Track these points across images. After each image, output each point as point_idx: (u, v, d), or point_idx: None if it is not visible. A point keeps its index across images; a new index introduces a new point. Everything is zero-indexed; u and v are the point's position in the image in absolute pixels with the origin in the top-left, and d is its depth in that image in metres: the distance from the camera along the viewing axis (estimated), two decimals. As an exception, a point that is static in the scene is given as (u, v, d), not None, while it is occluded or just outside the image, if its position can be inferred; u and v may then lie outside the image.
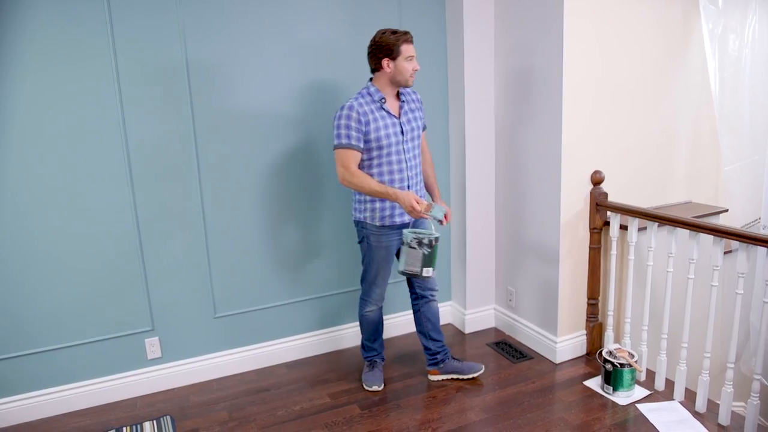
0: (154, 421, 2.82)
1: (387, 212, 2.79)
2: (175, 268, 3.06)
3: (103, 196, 2.85)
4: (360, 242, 2.93)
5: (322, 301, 3.44)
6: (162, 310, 3.07)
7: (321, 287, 3.42)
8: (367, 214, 2.81)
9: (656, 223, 2.82)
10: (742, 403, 2.84)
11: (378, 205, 2.78)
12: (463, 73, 3.34)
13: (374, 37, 2.68)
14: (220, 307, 3.19)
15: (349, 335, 3.54)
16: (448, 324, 3.82)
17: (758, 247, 2.41)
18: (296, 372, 3.28)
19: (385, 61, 2.66)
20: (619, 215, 3.02)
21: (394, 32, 2.66)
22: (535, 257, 3.31)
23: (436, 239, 2.60)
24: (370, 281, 2.97)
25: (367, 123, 2.65)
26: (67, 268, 2.84)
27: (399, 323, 3.68)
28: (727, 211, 3.41)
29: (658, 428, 2.59)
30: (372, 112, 2.67)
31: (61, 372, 2.93)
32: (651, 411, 2.73)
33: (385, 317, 3.34)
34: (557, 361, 3.23)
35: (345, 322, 3.53)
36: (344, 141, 2.64)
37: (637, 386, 2.92)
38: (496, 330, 3.72)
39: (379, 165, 2.73)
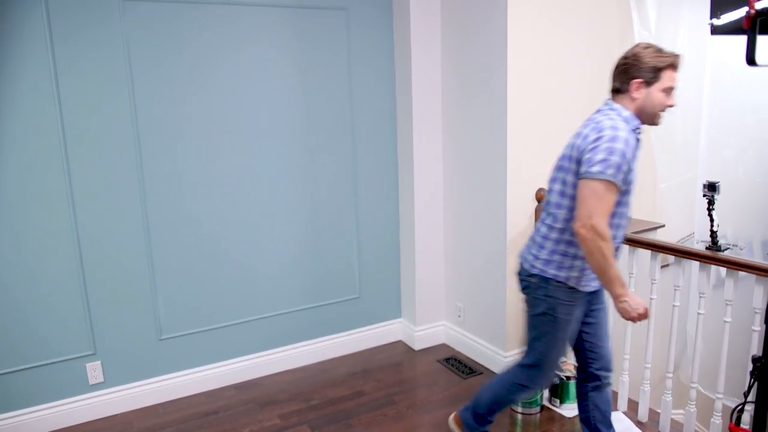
0: (96, 449, 2.72)
1: (591, 274, 2.14)
2: (117, 289, 2.96)
3: (43, 213, 2.75)
4: (538, 315, 2.18)
5: (272, 320, 3.39)
6: (104, 332, 2.97)
7: (271, 306, 3.38)
8: (572, 273, 2.11)
9: (597, 239, 2.91)
10: (681, 411, 2.95)
11: (585, 264, 2.09)
12: (410, 87, 3.40)
13: (633, 49, 2.04)
14: (165, 329, 3.11)
15: (299, 355, 3.50)
16: (399, 341, 3.83)
17: (692, 261, 2.53)
18: (246, 393, 3.22)
19: (635, 84, 2.01)
20: (562, 231, 3.10)
21: (660, 51, 2.00)
22: (482, 273, 3.37)
23: None
24: (549, 364, 2.22)
25: (631, 160, 1.98)
26: (5, 289, 2.72)
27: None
28: (663, 226, 3.56)
29: (602, 439, 2.65)
30: (634, 146, 2.00)
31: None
32: (596, 422, 2.80)
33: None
34: (506, 376, 3.28)
35: (295, 341, 3.49)
36: (612, 173, 1.91)
37: (582, 398, 2.99)
38: (446, 346, 3.75)
39: (611, 218, 2.04)
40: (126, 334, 3.02)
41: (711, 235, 3.58)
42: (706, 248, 3.55)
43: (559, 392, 2.93)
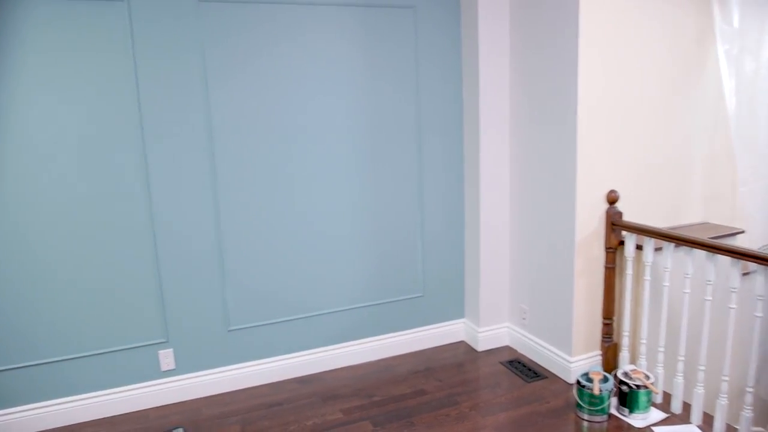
0: (167, 434, 2.83)
1: None
2: (189, 280, 3.08)
3: (122, 207, 2.89)
4: None
5: (336, 316, 3.44)
6: (176, 322, 3.08)
7: (335, 302, 3.42)
8: None
9: (672, 244, 2.80)
10: (761, 429, 2.79)
11: None
12: (478, 90, 3.36)
13: None
14: (233, 320, 3.20)
15: (361, 351, 3.53)
16: (461, 341, 3.80)
17: (777, 269, 2.39)
18: (308, 387, 3.27)
19: None
20: (634, 235, 3.01)
21: None
22: (549, 275, 3.30)
23: None
24: None
25: None
26: (82, 279, 2.88)
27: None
28: (743, 232, 3.39)
29: (674, 451, 2.55)
30: None
31: (75, 382, 2.95)
32: (667, 434, 2.70)
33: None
34: (571, 381, 3.20)
35: (358, 337, 3.52)
36: None
37: (653, 408, 2.89)
38: (509, 348, 3.69)
39: None
40: (196, 325, 3.13)
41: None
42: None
43: (628, 401, 2.83)
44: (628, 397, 2.83)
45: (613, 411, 2.90)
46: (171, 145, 2.93)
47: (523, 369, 3.40)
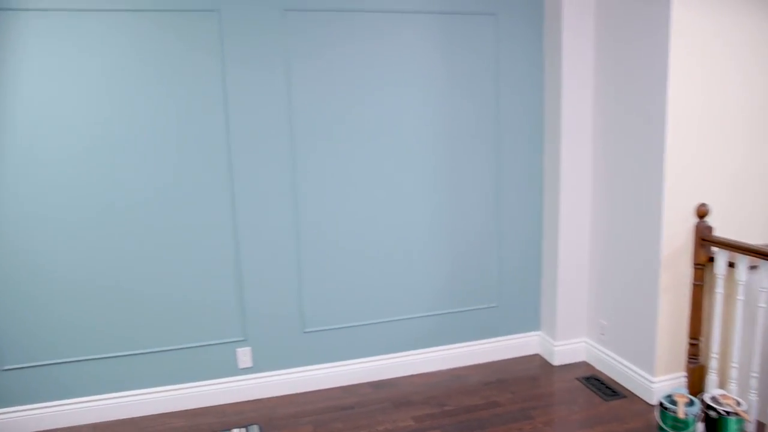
0: (244, 429, 2.91)
1: None
2: (269, 283, 3.17)
3: (207, 209, 3.02)
4: None
5: (410, 322, 3.44)
6: (255, 321, 3.18)
7: (410, 309, 3.43)
8: None
9: (770, 262, 2.63)
10: None
11: None
12: (560, 95, 3.29)
13: None
14: (309, 323, 3.26)
15: (433, 359, 3.52)
16: (536, 354, 3.72)
17: None
18: (381, 392, 3.29)
19: None
20: (726, 252, 2.84)
21: None
22: (631, 290, 3.17)
23: None
24: None
25: None
26: (169, 276, 3.02)
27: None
28: None
29: (767, 484, 2.39)
30: None
31: (159, 373, 3.10)
32: (759, 465, 2.53)
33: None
34: (653, 402, 3.06)
35: (431, 345, 3.51)
36: None
37: (743, 437, 2.72)
38: (586, 364, 3.58)
39: None
40: (274, 325, 3.22)
41: None
42: None
43: (716, 428, 2.68)
44: (716, 424, 2.67)
45: (699, 437, 2.75)
46: (254, 150, 3.04)
47: (601, 386, 3.28)
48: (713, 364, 2.99)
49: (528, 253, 3.61)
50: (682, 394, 2.76)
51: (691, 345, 3.05)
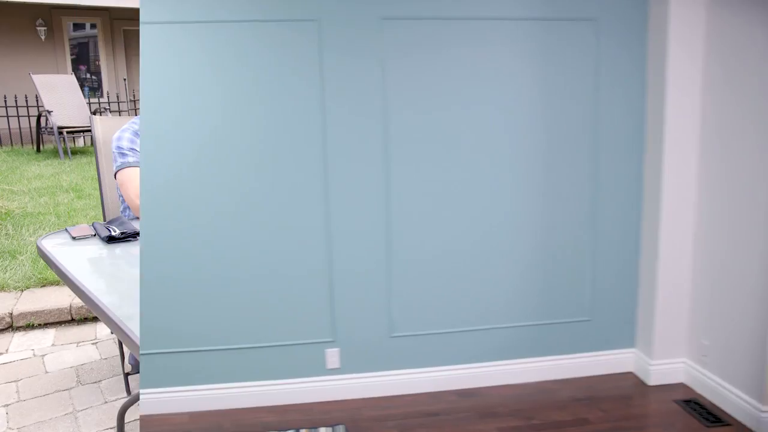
0: (330, 429, 2.98)
1: None
2: (358, 287, 3.23)
3: (302, 214, 3.13)
4: None
5: (498, 332, 3.39)
6: (344, 324, 3.25)
7: (498, 318, 3.38)
8: None
9: None
10: None
11: None
12: (663, 107, 3.13)
13: None
14: (397, 327, 3.29)
15: (521, 370, 3.44)
16: (629, 372, 3.55)
17: None
18: (466, 401, 3.26)
19: None
20: None
21: None
22: (741, 310, 2.97)
23: None
24: None
25: None
26: (265, 277, 3.15)
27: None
28: None
29: None
30: None
31: (251, 369, 3.23)
32: None
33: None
34: (761, 432, 2.86)
35: (519, 356, 3.44)
36: None
37: None
38: (684, 386, 3.38)
39: None
40: (362, 327, 3.27)
41: None
42: None
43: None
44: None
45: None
46: (348, 157, 3.11)
47: (702, 411, 3.09)
48: (833, 395, 2.76)
49: (624, 266, 3.46)
50: (796, 425, 2.55)
51: (807, 373, 2.82)
